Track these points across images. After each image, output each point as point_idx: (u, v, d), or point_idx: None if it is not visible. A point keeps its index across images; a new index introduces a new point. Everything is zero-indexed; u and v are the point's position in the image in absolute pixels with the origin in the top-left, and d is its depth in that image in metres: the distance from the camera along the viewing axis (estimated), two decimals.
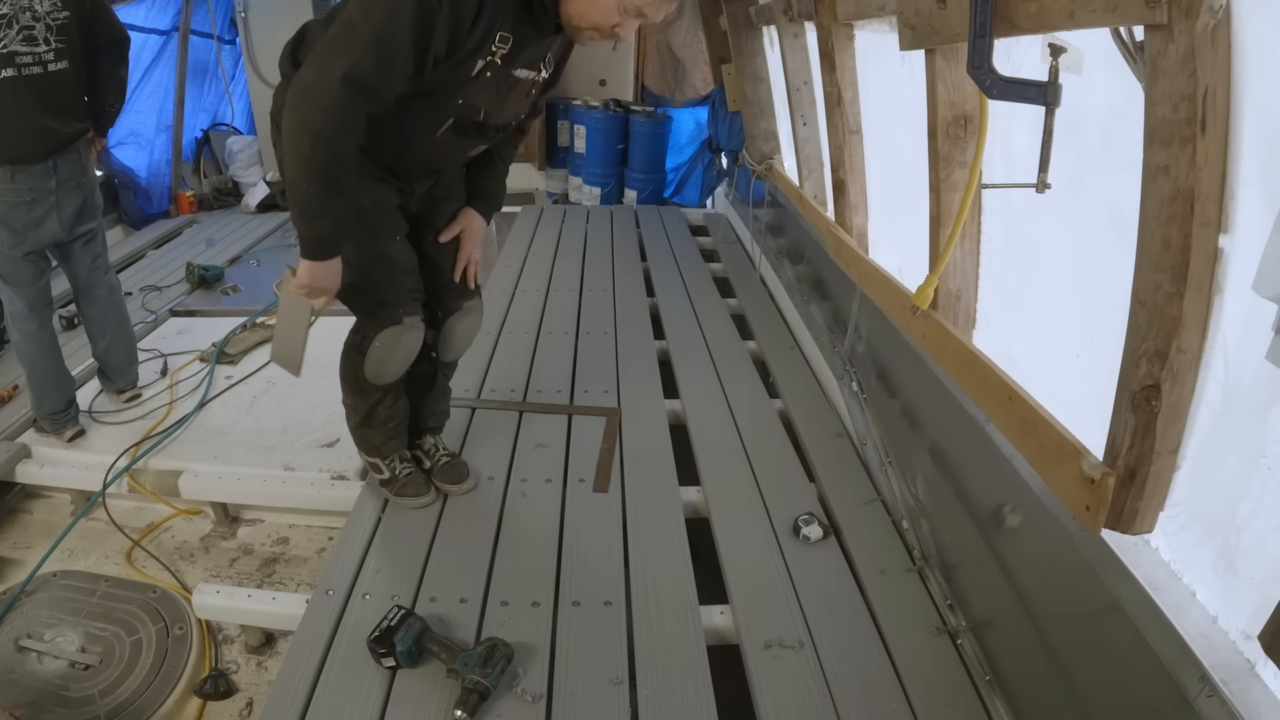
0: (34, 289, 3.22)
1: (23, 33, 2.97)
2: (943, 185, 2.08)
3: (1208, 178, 1.22)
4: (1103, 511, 1.47)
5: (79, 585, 2.85)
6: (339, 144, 1.90)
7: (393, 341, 2.37)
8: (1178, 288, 1.27)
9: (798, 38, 3.89)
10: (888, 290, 2.67)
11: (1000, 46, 1.63)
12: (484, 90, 2.06)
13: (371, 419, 2.58)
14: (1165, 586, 1.45)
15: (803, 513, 2.62)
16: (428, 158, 2.26)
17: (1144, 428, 1.38)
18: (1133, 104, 1.35)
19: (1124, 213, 1.43)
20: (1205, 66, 1.17)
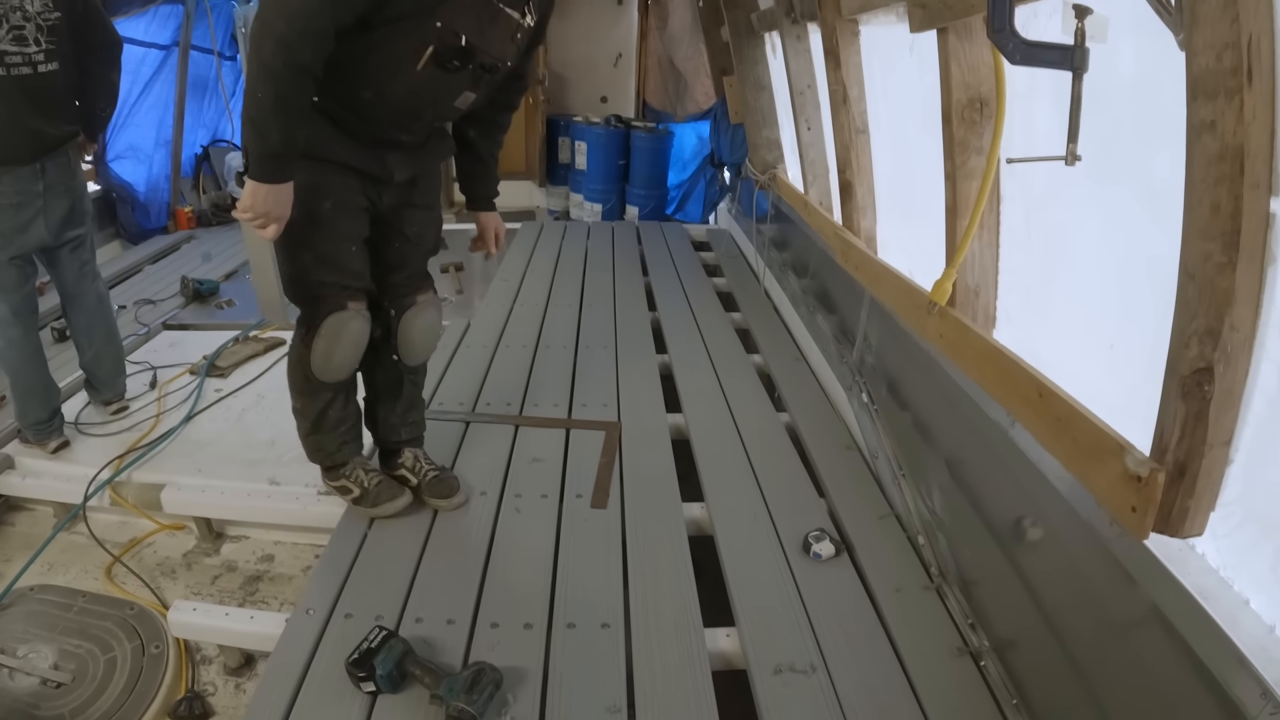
0: (18, 294, 3.15)
1: (12, 32, 2.93)
2: (959, 173, 1.97)
3: (1256, 134, 1.11)
4: (1151, 513, 1.34)
5: (56, 600, 2.77)
6: (300, 49, 1.85)
7: (338, 327, 2.31)
8: (1229, 257, 1.16)
9: (800, 40, 3.85)
10: (900, 290, 2.56)
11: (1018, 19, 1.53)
12: (463, 13, 2.00)
13: (323, 422, 2.51)
14: (1215, 595, 1.32)
15: (813, 529, 2.51)
16: (410, 97, 2.14)
17: (1195, 416, 1.26)
18: (1165, 65, 1.25)
19: (1158, 185, 1.33)
20: (1248, 11, 1.08)
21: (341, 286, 2.30)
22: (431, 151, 2.43)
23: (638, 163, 7.76)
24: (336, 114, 2.12)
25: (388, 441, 2.73)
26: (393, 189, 2.34)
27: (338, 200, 2.20)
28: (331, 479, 2.60)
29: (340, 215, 2.22)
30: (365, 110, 2.13)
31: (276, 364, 4.08)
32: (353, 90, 2.06)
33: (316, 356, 2.33)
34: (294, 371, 2.45)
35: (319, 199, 2.16)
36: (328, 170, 2.17)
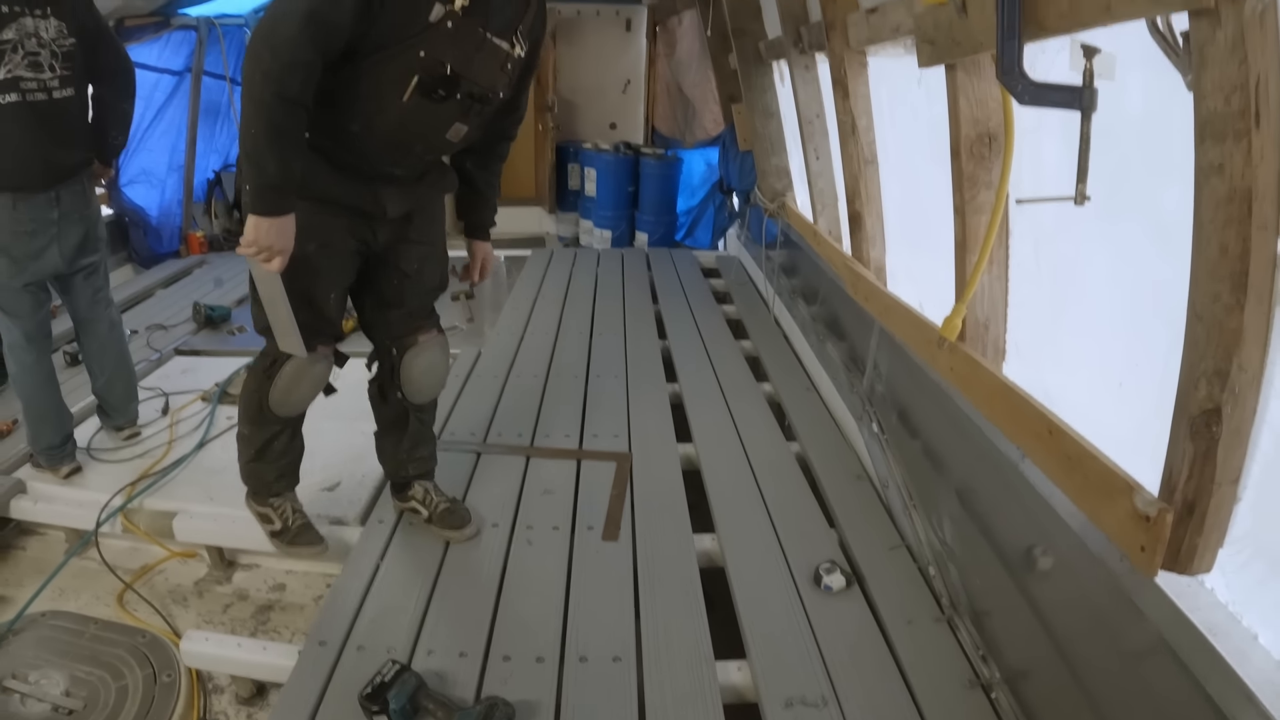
0: (32, 320, 3.17)
1: (28, 58, 2.96)
2: (968, 207, 1.98)
3: (1264, 175, 1.12)
4: (1160, 551, 1.36)
5: (68, 626, 2.77)
6: (288, 80, 1.86)
7: (301, 369, 2.33)
8: (1237, 299, 1.17)
9: (809, 70, 3.89)
10: (910, 323, 2.58)
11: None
12: (447, 42, 1.99)
13: (266, 453, 2.53)
14: (1224, 630, 1.33)
15: (824, 560, 2.51)
16: (398, 129, 2.12)
17: (1204, 456, 1.27)
18: (1173, 104, 1.27)
19: (1166, 223, 1.35)
20: (1256, 53, 1.10)
21: (314, 330, 2.29)
22: (430, 186, 2.41)
23: (647, 189, 7.79)
24: (327, 149, 2.12)
25: (395, 476, 2.75)
26: (388, 225, 2.33)
27: (324, 243, 2.20)
28: (257, 503, 2.63)
29: (325, 259, 2.23)
30: (354, 144, 2.13)
31: None
32: (341, 123, 2.07)
33: (276, 391, 2.36)
34: (249, 400, 2.46)
35: (305, 240, 2.13)
36: (317, 211, 2.15)
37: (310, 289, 2.23)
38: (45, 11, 3.00)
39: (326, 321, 2.33)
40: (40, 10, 2.99)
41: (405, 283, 2.45)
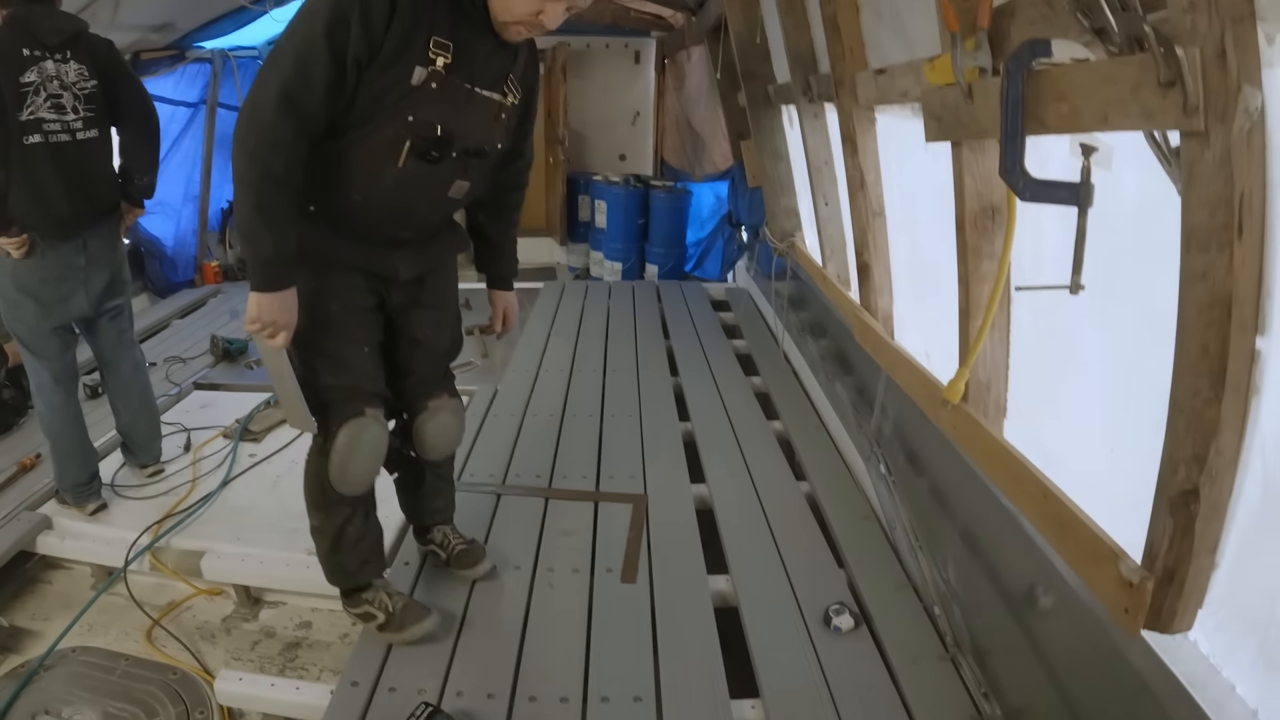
0: (60, 362, 3.24)
1: (50, 100, 3.03)
2: (971, 277, 2.08)
3: (1244, 281, 1.21)
4: (1141, 614, 1.46)
5: (98, 662, 2.80)
6: (271, 161, 1.89)
7: (356, 435, 2.23)
8: (1215, 392, 1.27)
9: (817, 118, 3.95)
10: (915, 379, 2.66)
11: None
12: (435, 104, 1.99)
13: (342, 540, 2.40)
14: (1204, 681, 1.43)
15: (833, 602, 2.58)
16: (399, 195, 2.10)
17: (1182, 530, 1.37)
18: (1164, 198, 1.35)
19: (1157, 309, 1.43)
20: (1241, 169, 1.17)
21: (356, 390, 2.25)
22: (443, 245, 2.39)
23: (657, 222, 7.89)
24: (333, 220, 2.12)
25: (416, 523, 2.80)
26: (401, 287, 2.31)
27: (344, 302, 2.19)
28: (352, 605, 2.48)
29: (349, 316, 2.21)
30: (358, 213, 2.11)
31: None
32: (342, 195, 2.07)
33: (334, 466, 2.24)
34: (311, 485, 2.36)
35: (325, 301, 2.15)
36: (332, 272, 2.16)
37: (341, 350, 2.22)
38: (65, 55, 3.07)
39: (367, 379, 2.27)
40: (60, 54, 3.06)
41: (416, 350, 2.43)
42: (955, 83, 1.83)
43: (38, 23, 3.02)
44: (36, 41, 3.00)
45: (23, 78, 2.97)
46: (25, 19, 3.01)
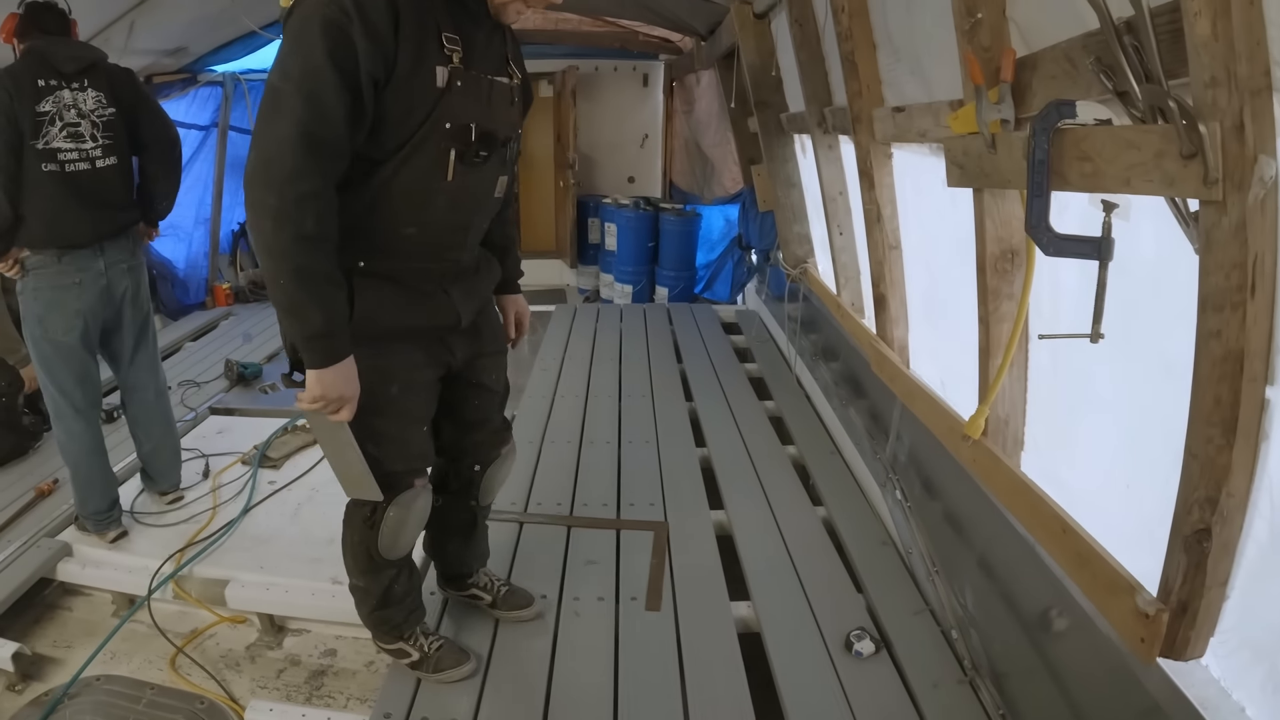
0: (80, 389, 3.27)
1: (66, 129, 3.09)
2: (991, 318, 2.13)
3: (1256, 336, 1.28)
4: (1157, 644, 1.54)
5: (123, 691, 2.78)
6: (301, 218, 1.69)
7: (406, 508, 2.17)
8: (1227, 440, 1.34)
9: (832, 149, 4.00)
10: (933, 410, 2.72)
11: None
12: (464, 102, 1.85)
13: (389, 599, 2.35)
14: (1215, 704, 1.49)
15: (854, 627, 2.62)
16: (453, 210, 1.97)
17: (1196, 566, 1.45)
18: (1180, 252, 1.41)
19: (1171, 355, 1.48)
20: (1255, 234, 1.23)
21: (409, 470, 2.16)
22: (485, 277, 2.27)
23: (667, 245, 7.95)
24: (388, 270, 1.96)
25: (457, 570, 2.67)
26: (464, 339, 2.20)
27: (404, 382, 2.07)
28: (387, 643, 2.44)
29: (408, 397, 2.09)
30: (414, 248, 1.97)
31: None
32: (392, 234, 1.91)
33: (384, 538, 2.18)
34: (356, 552, 2.28)
35: (385, 383, 2.01)
36: (391, 351, 2.02)
37: (403, 432, 2.12)
38: (83, 84, 3.13)
39: (420, 457, 2.20)
40: (78, 82, 3.12)
41: (486, 398, 2.36)
42: (979, 132, 1.88)
43: (54, 52, 3.09)
44: (53, 71, 3.06)
45: (39, 107, 3.02)
46: (42, 50, 3.08)
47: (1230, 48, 1.16)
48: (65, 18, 3.21)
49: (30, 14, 3.13)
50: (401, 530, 2.19)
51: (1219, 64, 1.18)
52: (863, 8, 2.81)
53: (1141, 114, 1.37)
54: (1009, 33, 1.85)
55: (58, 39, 3.14)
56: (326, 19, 1.64)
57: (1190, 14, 1.18)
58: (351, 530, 2.27)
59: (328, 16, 1.64)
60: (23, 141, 3.02)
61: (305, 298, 1.74)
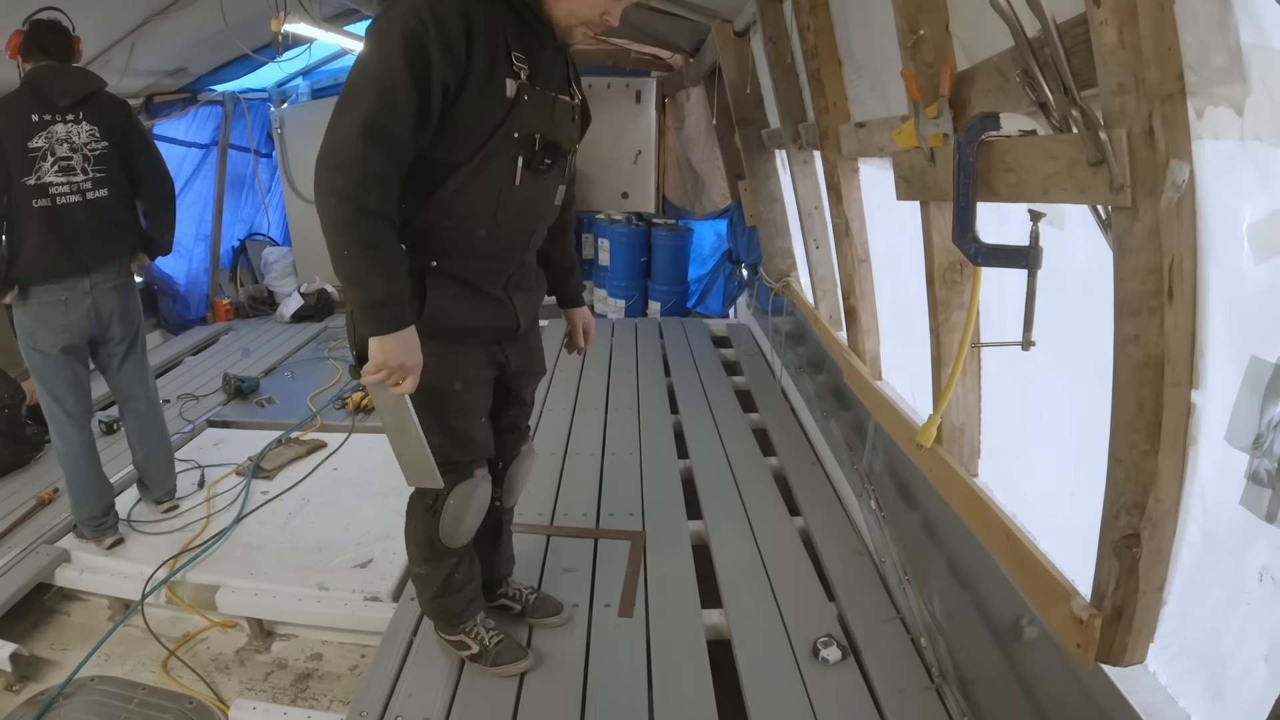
0: (72, 395, 3.35)
1: (58, 164, 3.14)
2: (941, 328, 2.19)
3: (1177, 341, 1.30)
4: (1092, 649, 1.55)
5: (116, 691, 2.87)
6: (365, 195, 1.82)
7: (467, 496, 2.31)
8: (1152, 445, 1.35)
9: (807, 164, 4.07)
10: (897, 421, 2.77)
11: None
12: (530, 114, 2.01)
13: (449, 586, 2.47)
14: (1160, 711, 1.51)
15: (822, 635, 2.67)
16: (520, 214, 2.13)
17: (1127, 571, 1.46)
18: (1110, 259, 1.43)
19: (1105, 364, 1.50)
20: (1171, 238, 1.26)
21: (471, 461, 2.31)
22: (537, 291, 2.41)
23: (659, 260, 8.00)
24: (458, 271, 2.10)
25: (490, 581, 2.74)
26: (516, 349, 2.35)
27: (468, 379, 2.21)
28: (448, 634, 2.57)
29: (470, 393, 2.24)
30: (486, 248, 2.11)
31: (319, 467, 4.30)
32: (466, 234, 2.05)
33: (445, 525, 2.32)
34: (419, 540, 2.41)
35: (450, 380, 2.16)
36: (457, 349, 2.16)
37: (466, 426, 2.25)
38: (78, 116, 3.19)
39: (481, 447, 2.32)
40: (72, 115, 3.17)
41: (519, 409, 2.54)
42: (919, 147, 1.95)
43: (51, 82, 3.14)
44: (47, 104, 3.12)
45: (31, 143, 3.08)
46: (38, 81, 3.13)
47: (1138, 55, 1.19)
48: (68, 38, 3.25)
49: (34, 33, 3.17)
50: (462, 518, 2.33)
51: (1126, 71, 1.21)
52: (828, 26, 2.89)
53: (1059, 125, 1.43)
54: (953, 48, 1.92)
55: (56, 67, 3.19)
56: (406, 27, 1.80)
57: (1097, 23, 1.22)
58: (415, 519, 2.41)
59: (408, 25, 1.81)
60: (11, 181, 3.08)
61: (369, 267, 1.87)
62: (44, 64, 3.18)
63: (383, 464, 4.27)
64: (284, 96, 8.11)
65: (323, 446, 4.54)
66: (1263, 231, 1.18)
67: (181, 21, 5.09)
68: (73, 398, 3.37)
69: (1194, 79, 1.20)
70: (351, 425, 4.83)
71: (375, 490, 3.99)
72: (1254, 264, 1.21)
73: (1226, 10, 1.13)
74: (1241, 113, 1.15)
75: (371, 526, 3.63)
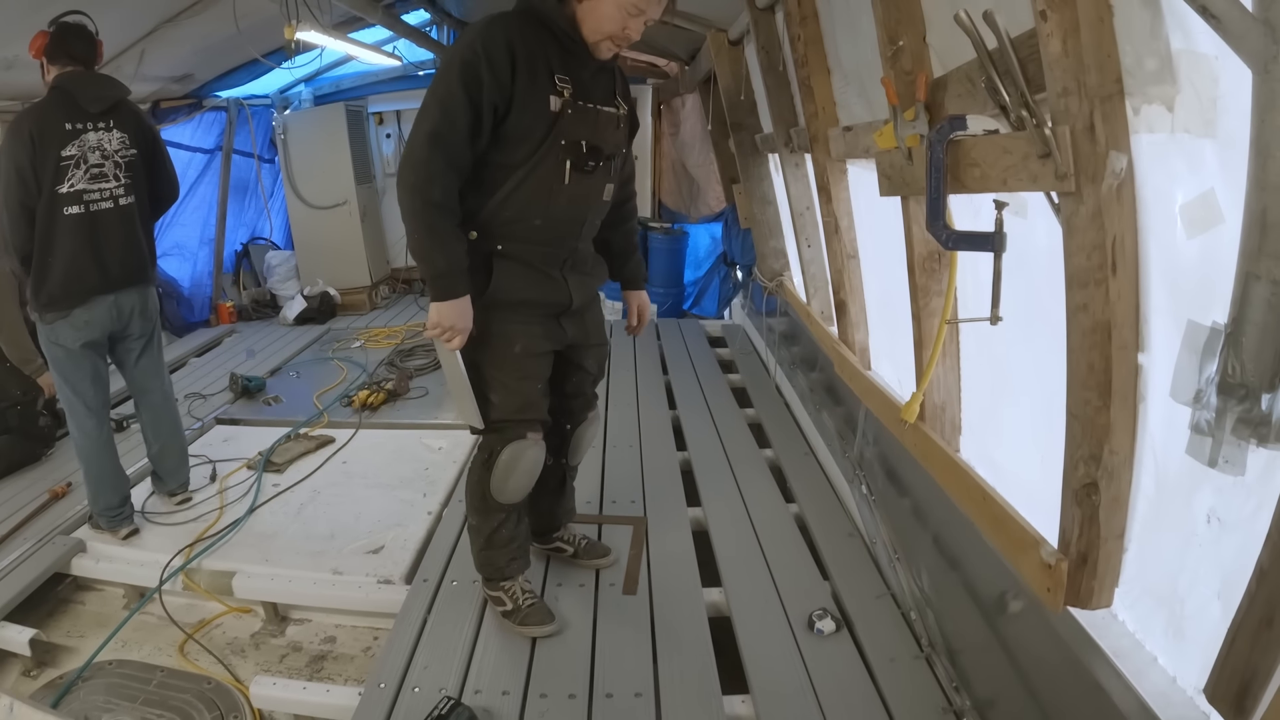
0: (92, 390, 3.44)
1: (90, 171, 3.22)
2: (922, 313, 2.36)
3: (1122, 309, 1.48)
4: (1060, 592, 1.70)
5: (134, 674, 2.96)
6: (430, 189, 2.24)
7: (518, 455, 2.59)
8: (1104, 401, 1.53)
9: (798, 167, 4.22)
10: (884, 404, 2.92)
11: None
12: (575, 124, 2.36)
13: (495, 539, 2.73)
14: (1130, 654, 1.65)
15: (816, 608, 2.79)
16: (571, 207, 2.47)
17: (1088, 519, 1.62)
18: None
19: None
20: (1112, 219, 1.44)
21: (523, 420, 2.59)
22: (597, 276, 2.76)
23: (656, 263, 8.09)
24: (520, 253, 2.45)
25: (549, 526, 3.10)
26: (573, 323, 2.66)
27: (525, 346, 2.53)
28: (490, 588, 2.81)
29: (527, 358, 2.55)
30: (543, 234, 2.46)
31: (328, 461, 4.40)
32: (526, 223, 2.41)
33: (496, 480, 2.61)
34: (473, 491, 2.71)
35: (509, 344, 2.50)
36: (518, 319, 2.50)
37: (520, 384, 2.57)
38: (109, 124, 3.26)
39: (534, 409, 2.62)
40: (104, 123, 3.24)
41: (582, 376, 2.83)
42: (898, 147, 2.12)
43: (81, 90, 3.20)
44: (79, 111, 3.19)
45: (64, 152, 3.14)
46: (69, 89, 3.19)
47: (1080, 62, 1.38)
48: (93, 41, 3.31)
49: (60, 36, 3.22)
50: (511, 473, 2.61)
51: (1070, 76, 1.40)
52: (817, 36, 3.05)
53: (1015, 124, 1.60)
54: (929, 57, 2.08)
55: (85, 74, 3.25)
56: (464, 59, 2.21)
57: (1044, 36, 1.41)
58: (472, 471, 2.71)
59: (465, 57, 2.21)
60: (39, 193, 3.15)
61: (432, 246, 2.31)
62: (72, 70, 3.23)
63: (391, 458, 4.42)
64: (286, 103, 8.23)
65: (331, 442, 4.64)
66: (1193, 211, 1.35)
67: (191, 29, 5.21)
68: (93, 392, 3.45)
69: (1131, 81, 1.38)
70: (359, 422, 4.95)
71: (384, 482, 4.10)
72: (1186, 239, 1.38)
73: (1158, 20, 1.30)
74: (1172, 109, 1.33)
75: (382, 516, 3.74)
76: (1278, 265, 1.09)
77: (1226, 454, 1.26)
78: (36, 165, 3.14)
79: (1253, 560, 1.20)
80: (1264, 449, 1.21)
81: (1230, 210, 1.27)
